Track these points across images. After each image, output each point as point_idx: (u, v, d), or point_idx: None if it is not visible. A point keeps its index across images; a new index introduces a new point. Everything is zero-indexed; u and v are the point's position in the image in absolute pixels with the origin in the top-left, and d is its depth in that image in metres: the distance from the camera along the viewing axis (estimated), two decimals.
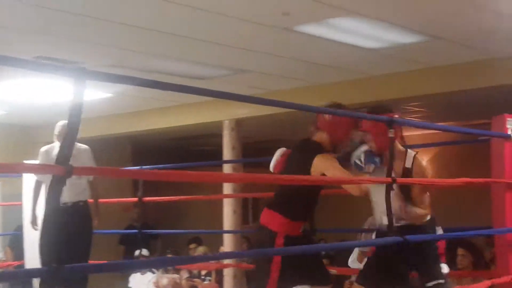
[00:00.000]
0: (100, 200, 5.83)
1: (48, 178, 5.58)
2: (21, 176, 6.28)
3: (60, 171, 2.33)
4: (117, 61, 6.06)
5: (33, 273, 2.96)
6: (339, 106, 3.96)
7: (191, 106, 8.15)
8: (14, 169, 2.48)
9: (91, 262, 5.14)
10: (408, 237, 3.40)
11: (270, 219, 3.85)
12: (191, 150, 11.96)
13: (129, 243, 9.92)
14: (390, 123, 3.54)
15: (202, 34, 5.41)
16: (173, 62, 6.28)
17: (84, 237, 5.55)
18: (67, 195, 5.37)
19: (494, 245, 4.68)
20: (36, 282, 6.70)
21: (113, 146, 10.00)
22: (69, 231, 5.33)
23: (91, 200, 5.63)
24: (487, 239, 7.50)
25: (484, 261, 6.25)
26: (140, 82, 2.76)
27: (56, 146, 5.60)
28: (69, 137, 2.44)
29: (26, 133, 9.59)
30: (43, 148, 5.62)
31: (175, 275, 8.59)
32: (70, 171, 2.34)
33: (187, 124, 8.47)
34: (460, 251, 5.95)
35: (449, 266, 6.01)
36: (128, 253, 10.13)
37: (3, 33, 5.18)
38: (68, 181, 5.66)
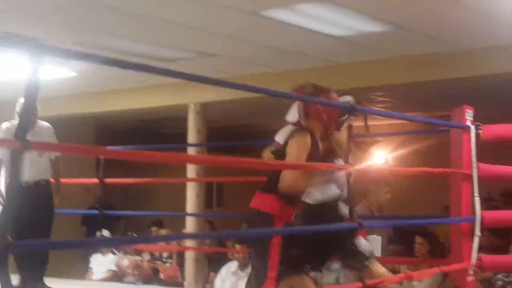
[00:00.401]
0: (62, 180, 5.79)
1: (8, 155, 5.55)
2: None
3: (18, 145, 2.31)
4: (84, 41, 5.98)
5: None
6: (320, 89, 3.82)
7: (156, 88, 8.10)
8: None
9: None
10: (364, 223, 3.45)
11: (265, 202, 3.60)
12: (156, 132, 11.91)
13: (91, 224, 9.87)
14: (352, 110, 3.57)
15: (169, 16, 5.38)
16: (140, 43, 6.24)
17: (45, 216, 5.52)
18: (29, 174, 5.32)
19: None
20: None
21: (76, 126, 9.89)
22: (30, 210, 5.32)
23: (52, 180, 5.59)
24: None
25: (443, 250, 6.37)
26: (100, 60, 2.73)
27: (16, 123, 5.52)
28: (26, 112, 2.42)
29: None
30: (4, 125, 5.55)
31: (137, 257, 8.58)
32: (27, 146, 2.32)
33: (153, 106, 8.43)
34: (418, 239, 6.06)
35: (408, 254, 6.13)
36: (89, 235, 10.08)
37: None
38: (29, 160, 5.67)
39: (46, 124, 5.55)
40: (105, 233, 7.66)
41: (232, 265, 6.68)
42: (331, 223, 3.66)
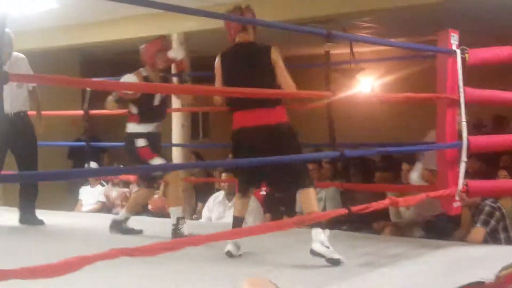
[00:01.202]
0: (47, 112, 5.77)
1: None
2: None
3: None
4: None
5: None
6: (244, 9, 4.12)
7: (140, 18, 7.94)
8: None
9: None
10: (346, 152, 3.44)
11: (284, 114, 3.91)
12: (140, 64, 11.76)
13: (77, 157, 9.85)
14: (328, 36, 3.51)
15: None
16: None
17: (28, 146, 5.53)
18: (8, 106, 5.33)
19: None
20: None
21: (60, 59, 9.75)
22: (12, 140, 5.39)
23: (32, 112, 5.57)
24: None
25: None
26: None
27: None
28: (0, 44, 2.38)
29: None
30: None
31: (125, 189, 8.61)
32: (5, 77, 2.30)
33: (136, 36, 8.28)
34: (404, 166, 6.10)
35: (396, 181, 6.18)
36: (76, 167, 10.08)
37: None
38: (8, 91, 5.64)
39: (20, 55, 5.50)
40: (93, 165, 7.64)
41: (219, 195, 6.72)
42: None
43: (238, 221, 4.10)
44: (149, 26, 8.02)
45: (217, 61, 4.15)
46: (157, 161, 4.72)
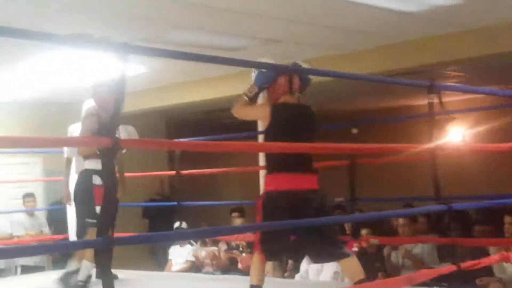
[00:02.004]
0: (130, 174, 5.90)
1: (76, 154, 5.71)
2: (62, 152, 6.34)
3: (108, 143, 2.39)
4: (148, 35, 6.00)
5: (87, 244, 3.58)
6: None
7: (224, 78, 8.08)
8: (65, 143, 2.53)
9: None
10: (454, 205, 3.30)
11: (315, 181, 3.91)
12: (225, 123, 11.92)
13: (153, 216, 9.96)
14: (431, 88, 3.43)
15: (234, 4, 5.32)
16: (205, 34, 6.20)
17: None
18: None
19: None
20: None
21: (146, 121, 10.02)
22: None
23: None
24: None
25: None
26: (182, 56, 2.76)
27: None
28: (116, 110, 2.48)
29: (65, 111, 9.65)
30: (71, 127, 5.74)
31: (214, 248, 8.61)
32: (117, 143, 2.40)
33: (221, 96, 8.42)
34: (507, 219, 5.82)
35: (497, 234, 5.88)
36: (152, 226, 10.20)
37: (42, 10, 5.15)
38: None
39: (129, 126, 5.69)
40: (183, 225, 7.70)
41: None
42: None
43: None
44: (234, 84, 8.13)
45: (267, 110, 4.05)
46: None
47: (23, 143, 3.07)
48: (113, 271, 5.22)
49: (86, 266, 4.75)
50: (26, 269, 7.52)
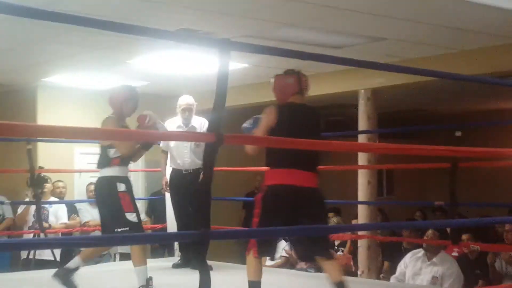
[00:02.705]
0: (231, 168, 6.13)
1: (171, 148, 5.91)
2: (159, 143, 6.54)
3: (212, 138, 2.45)
4: (251, 31, 6.06)
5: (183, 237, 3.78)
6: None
7: (325, 76, 8.04)
8: (169, 137, 2.60)
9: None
10: None
11: (315, 179, 4.04)
12: (325, 120, 11.89)
13: (251, 209, 10.06)
14: None
15: (339, 2, 5.29)
16: (308, 31, 6.19)
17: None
18: (189, 163, 5.88)
19: None
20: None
21: (250, 116, 10.12)
22: (190, 196, 5.76)
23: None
24: None
25: None
26: (282, 53, 2.76)
27: (177, 119, 5.92)
28: (217, 106, 2.53)
29: (166, 104, 9.90)
30: (168, 120, 5.97)
31: None
32: (220, 139, 2.45)
33: (321, 94, 8.38)
34: None
35: None
36: (248, 218, 10.34)
37: (148, 5, 5.32)
38: (189, 150, 6.11)
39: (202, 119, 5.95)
40: None
41: (419, 252, 6.46)
42: None
43: (258, 285, 3.97)
44: (335, 82, 8.09)
45: (273, 112, 4.12)
46: None
47: (134, 136, 3.21)
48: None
49: (141, 270, 4.61)
50: (124, 256, 7.81)
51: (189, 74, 8.07)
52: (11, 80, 8.59)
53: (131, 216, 4.54)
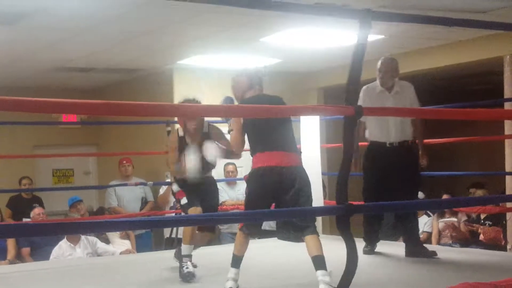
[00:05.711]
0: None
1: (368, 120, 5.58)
2: (298, 120, 6.44)
3: (351, 111, 2.45)
4: (386, 1, 5.87)
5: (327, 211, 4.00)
6: None
7: (466, 43, 7.68)
8: (312, 111, 2.58)
9: None
10: None
11: (297, 158, 4.25)
12: (464, 90, 11.38)
13: None
14: None
15: None
16: None
17: (410, 178, 5.43)
18: (393, 136, 5.37)
19: None
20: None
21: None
22: (395, 171, 5.36)
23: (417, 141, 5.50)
24: None
25: None
26: (427, 20, 2.65)
27: (377, 83, 5.52)
28: (352, 78, 2.52)
29: (300, 80, 9.88)
30: (365, 86, 5.51)
31: (453, 219, 8.33)
32: (359, 112, 2.45)
33: (464, 62, 8.01)
34: None
35: None
36: None
37: None
38: (393, 121, 5.92)
39: (406, 83, 5.52)
40: (420, 194, 7.52)
41: None
42: None
43: (240, 260, 4.25)
44: (475, 50, 7.71)
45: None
46: None
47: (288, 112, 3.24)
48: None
49: (185, 248, 4.83)
50: (264, 233, 7.90)
51: (322, 49, 7.98)
52: (148, 64, 8.87)
53: None
